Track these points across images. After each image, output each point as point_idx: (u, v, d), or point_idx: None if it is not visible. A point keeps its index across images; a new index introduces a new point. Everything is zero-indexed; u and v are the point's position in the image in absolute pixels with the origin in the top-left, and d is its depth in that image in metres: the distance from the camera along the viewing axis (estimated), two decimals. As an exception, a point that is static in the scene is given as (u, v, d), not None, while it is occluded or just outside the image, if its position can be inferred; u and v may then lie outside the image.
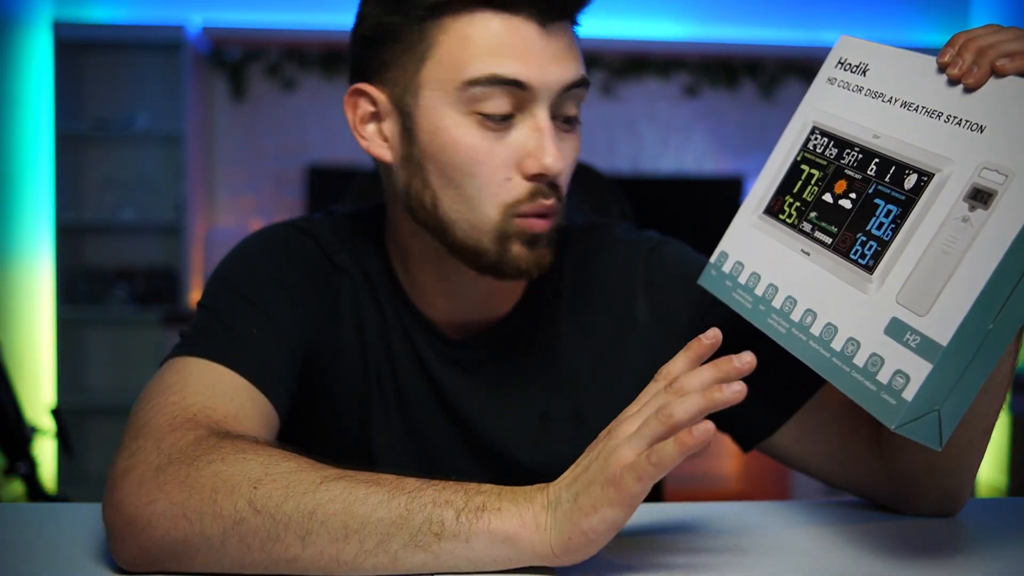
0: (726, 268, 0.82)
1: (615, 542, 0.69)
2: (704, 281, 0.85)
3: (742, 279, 0.80)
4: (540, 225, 0.84)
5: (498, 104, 0.81)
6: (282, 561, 0.65)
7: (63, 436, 2.11)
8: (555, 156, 0.81)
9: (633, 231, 1.02)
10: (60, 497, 2.10)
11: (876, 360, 0.65)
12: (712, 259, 0.85)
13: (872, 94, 0.75)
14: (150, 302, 3.72)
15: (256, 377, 0.80)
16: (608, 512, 0.63)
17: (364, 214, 0.98)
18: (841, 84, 0.79)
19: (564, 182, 0.86)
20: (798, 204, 0.78)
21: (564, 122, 0.85)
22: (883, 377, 0.64)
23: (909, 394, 0.62)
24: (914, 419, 0.62)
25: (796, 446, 0.90)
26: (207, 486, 0.65)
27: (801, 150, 0.80)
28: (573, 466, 0.68)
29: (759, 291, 0.78)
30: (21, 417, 1.92)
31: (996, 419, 0.80)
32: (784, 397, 0.87)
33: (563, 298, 0.97)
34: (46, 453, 3.45)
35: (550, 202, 0.84)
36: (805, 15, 4.00)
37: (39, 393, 3.62)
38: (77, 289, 3.71)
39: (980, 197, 0.63)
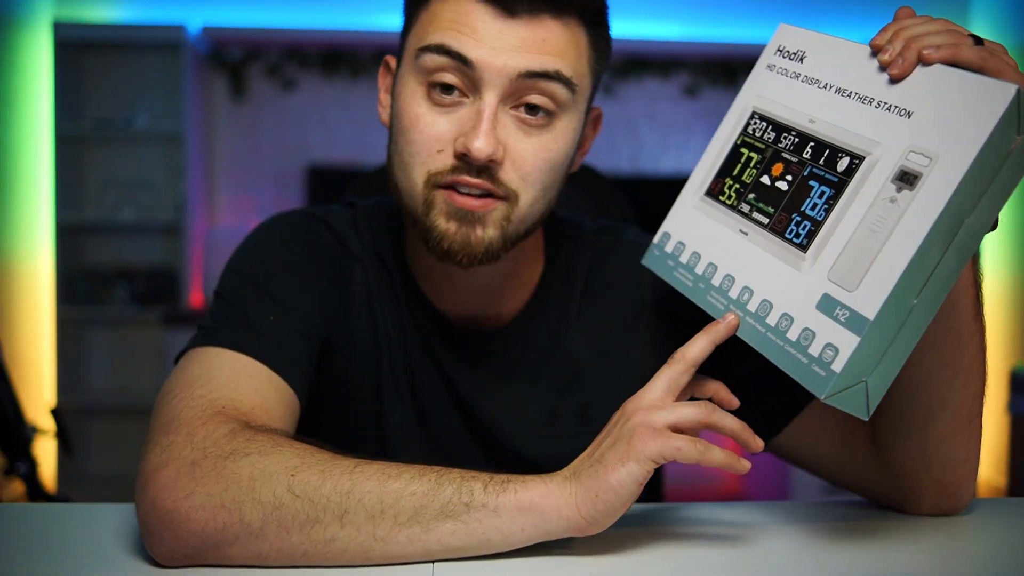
0: (668, 248, 0.85)
1: (616, 540, 0.69)
2: (647, 261, 0.88)
3: (683, 258, 0.83)
4: (464, 201, 0.83)
5: (444, 77, 0.83)
6: (320, 542, 0.66)
7: (63, 436, 2.10)
8: (485, 141, 0.81)
9: (643, 235, 1.03)
10: (60, 497, 2.10)
11: (808, 334, 0.68)
12: (655, 239, 0.87)
13: (808, 80, 0.78)
14: (150, 302, 3.72)
15: (277, 365, 0.81)
16: (635, 467, 0.67)
17: (386, 205, 0.99)
18: (779, 71, 0.82)
19: (516, 177, 0.84)
20: (737, 186, 0.80)
21: (529, 114, 0.84)
22: (814, 350, 0.67)
23: (838, 366, 0.65)
24: (842, 390, 0.66)
25: (798, 447, 0.90)
26: (244, 476, 0.67)
27: (741, 134, 0.83)
28: (592, 446, 0.72)
29: (699, 270, 0.81)
30: (21, 417, 1.92)
31: (979, 406, 0.81)
32: (786, 401, 0.87)
33: (574, 298, 0.98)
34: (46, 453, 3.45)
35: (476, 181, 0.82)
36: (805, 15, 4.00)
37: (39, 393, 3.62)
38: (77, 289, 3.71)
39: (906, 179, 0.66)
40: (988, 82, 0.64)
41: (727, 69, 4.00)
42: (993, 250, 4.01)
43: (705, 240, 0.81)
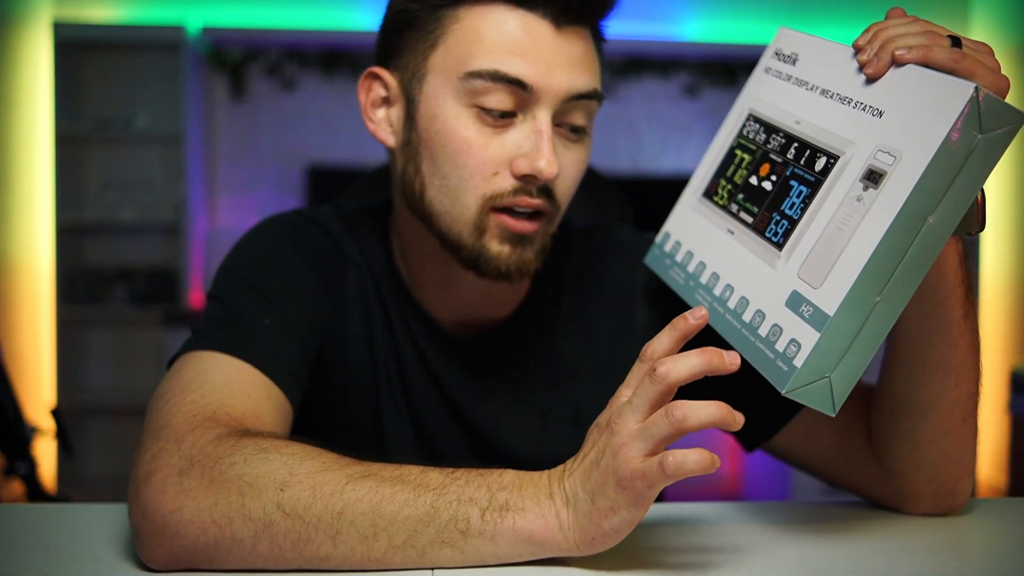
0: (667, 248, 0.87)
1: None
2: (648, 259, 0.90)
3: (679, 257, 0.85)
4: (521, 226, 0.84)
5: (498, 100, 0.81)
6: (315, 560, 0.66)
7: (63, 436, 2.10)
8: (549, 160, 0.81)
9: (634, 234, 1.02)
10: (60, 497, 2.10)
11: (776, 330, 0.69)
12: (657, 239, 0.89)
13: (798, 82, 0.79)
14: (150, 302, 3.72)
15: (271, 370, 0.81)
16: (626, 513, 0.64)
17: (370, 209, 0.99)
18: (775, 73, 0.83)
19: (562, 191, 0.86)
20: (729, 187, 0.82)
21: (571, 131, 0.85)
22: (780, 346, 0.68)
23: (799, 361, 0.66)
24: (804, 385, 0.66)
25: (796, 447, 0.90)
26: (233, 489, 0.66)
27: (737, 136, 0.84)
28: (580, 456, 0.68)
29: (691, 268, 0.82)
30: (21, 417, 1.92)
31: (972, 405, 0.81)
32: (784, 401, 0.87)
33: (565, 300, 0.98)
34: (46, 453, 3.46)
35: (536, 201, 0.83)
36: (805, 15, 4.00)
37: (39, 393, 3.62)
38: (77, 289, 3.71)
39: (872, 177, 0.67)
40: (949, 81, 0.65)
41: (727, 69, 4.00)
42: (993, 250, 4.01)
43: (698, 240, 0.83)
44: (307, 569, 0.67)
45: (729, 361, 0.65)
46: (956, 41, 0.69)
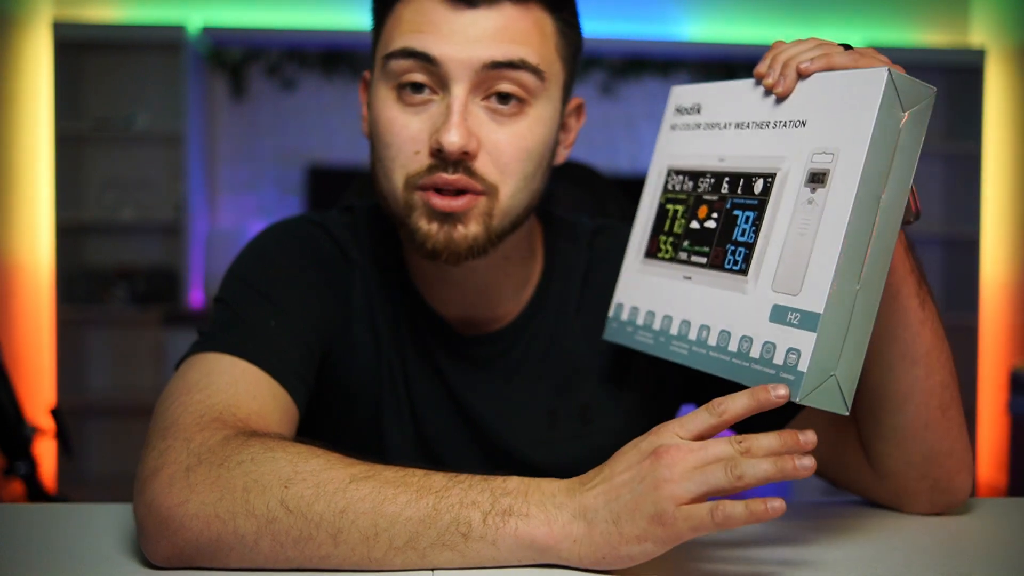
0: (624, 317, 0.87)
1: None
2: (608, 335, 0.89)
3: (640, 321, 0.84)
4: (444, 203, 0.83)
5: (412, 77, 0.84)
6: (315, 558, 0.66)
7: (63, 436, 2.10)
8: (457, 133, 0.81)
9: None
10: (60, 497, 2.10)
11: (769, 347, 0.70)
12: (610, 314, 0.89)
13: (708, 126, 0.83)
14: (150, 302, 3.72)
15: (276, 371, 0.81)
16: (651, 547, 0.64)
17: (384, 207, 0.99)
18: (682, 127, 0.86)
19: (494, 168, 0.84)
20: (672, 239, 0.83)
21: (500, 103, 0.84)
22: (779, 359, 0.69)
23: (803, 365, 0.67)
24: (814, 388, 0.67)
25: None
26: (238, 486, 0.66)
27: (663, 193, 0.86)
28: (605, 473, 0.67)
29: (656, 326, 0.82)
30: (21, 417, 1.92)
31: (950, 395, 0.81)
32: (777, 410, 0.87)
33: (573, 298, 0.98)
34: (46, 453, 3.45)
35: (452, 177, 0.83)
36: (805, 15, 4.00)
37: (39, 393, 3.62)
38: (77, 289, 3.71)
39: (817, 179, 0.70)
40: (862, 72, 0.69)
41: (727, 69, 3.99)
42: (993, 250, 4.01)
43: (655, 298, 0.83)
44: (308, 568, 0.67)
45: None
46: (848, 47, 0.73)
